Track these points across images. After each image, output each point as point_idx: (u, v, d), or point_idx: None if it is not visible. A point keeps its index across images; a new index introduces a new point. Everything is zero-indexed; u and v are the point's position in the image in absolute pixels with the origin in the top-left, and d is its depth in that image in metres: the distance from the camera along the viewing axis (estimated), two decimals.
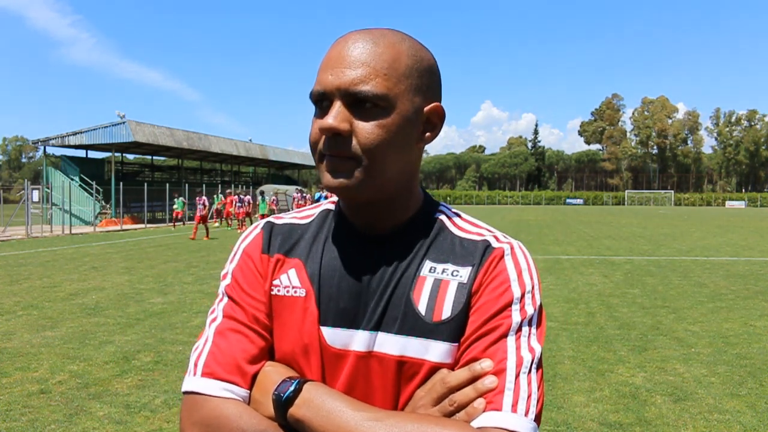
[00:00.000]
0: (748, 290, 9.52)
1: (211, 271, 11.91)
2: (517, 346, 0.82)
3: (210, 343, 0.88)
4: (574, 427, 4.01)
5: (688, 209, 69.65)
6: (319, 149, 0.86)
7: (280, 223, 0.98)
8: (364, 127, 0.82)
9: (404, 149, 0.87)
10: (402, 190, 0.91)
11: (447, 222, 0.95)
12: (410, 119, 0.86)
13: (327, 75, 0.84)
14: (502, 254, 0.90)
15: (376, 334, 0.86)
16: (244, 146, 42.05)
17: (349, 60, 0.83)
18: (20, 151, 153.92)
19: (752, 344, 6.14)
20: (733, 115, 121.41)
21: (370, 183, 0.84)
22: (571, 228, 27.09)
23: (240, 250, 0.97)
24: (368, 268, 0.89)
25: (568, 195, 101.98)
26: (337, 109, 0.82)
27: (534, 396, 0.80)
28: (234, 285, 0.93)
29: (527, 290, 0.87)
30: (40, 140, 31.64)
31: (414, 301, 0.87)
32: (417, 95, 0.87)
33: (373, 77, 0.82)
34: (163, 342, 6.19)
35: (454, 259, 0.90)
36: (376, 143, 0.82)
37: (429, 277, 0.89)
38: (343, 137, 0.82)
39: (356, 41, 0.85)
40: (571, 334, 6.48)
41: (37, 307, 8.04)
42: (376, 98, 0.82)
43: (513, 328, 0.83)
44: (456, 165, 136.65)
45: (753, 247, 17.27)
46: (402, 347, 0.85)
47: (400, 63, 0.85)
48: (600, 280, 10.57)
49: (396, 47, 0.85)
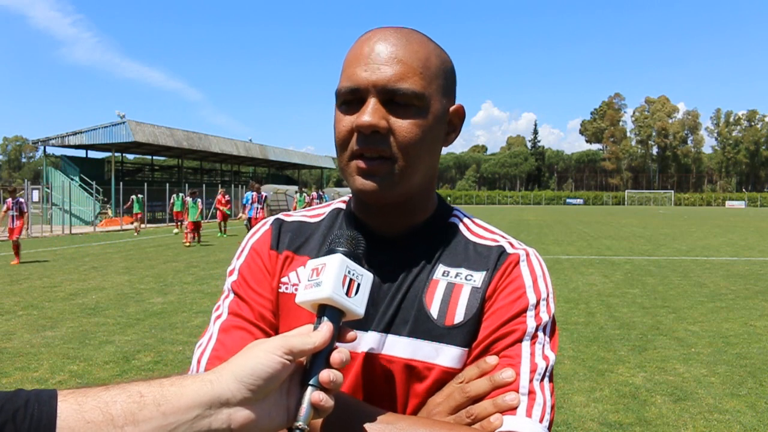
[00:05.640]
0: (748, 290, 9.52)
1: (211, 271, 11.91)
2: (531, 351, 0.81)
3: (214, 340, 0.86)
4: (574, 427, 4.01)
5: (688, 209, 69.64)
6: (351, 147, 0.82)
7: (289, 220, 0.97)
8: (402, 125, 0.80)
9: (433, 150, 0.86)
10: (422, 192, 0.90)
11: (461, 226, 0.94)
12: (440, 119, 0.85)
13: (360, 71, 0.81)
14: (518, 260, 0.88)
15: (385, 336, 0.85)
16: (244, 146, 42.03)
17: (385, 57, 0.81)
18: (20, 151, 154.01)
19: (752, 344, 6.13)
20: (732, 115, 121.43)
21: (401, 185, 0.82)
22: (571, 228, 27.08)
23: (248, 246, 0.95)
24: (380, 270, 0.87)
25: (568, 195, 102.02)
26: (373, 106, 0.80)
27: (548, 404, 0.79)
28: (241, 281, 0.91)
29: (542, 297, 0.85)
30: (40, 140, 31.65)
31: (426, 305, 0.86)
32: (444, 96, 0.86)
33: (411, 75, 0.81)
34: (163, 342, 6.19)
35: (467, 263, 0.89)
36: (413, 142, 0.81)
37: (442, 281, 0.87)
38: (381, 135, 0.80)
39: (387, 38, 0.83)
40: (571, 334, 6.48)
41: (37, 307, 8.04)
42: (414, 96, 0.80)
43: (528, 334, 0.82)
44: (456, 165, 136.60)
45: (753, 247, 17.27)
46: (412, 351, 0.84)
47: (431, 62, 0.84)
48: (600, 280, 10.57)
49: (426, 47, 0.84)
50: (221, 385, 0.63)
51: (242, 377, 0.63)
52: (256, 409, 0.64)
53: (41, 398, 0.56)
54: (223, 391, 0.62)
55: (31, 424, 0.54)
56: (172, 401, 0.60)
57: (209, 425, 0.62)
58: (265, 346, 0.65)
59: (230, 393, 0.62)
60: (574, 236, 21.77)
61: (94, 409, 0.57)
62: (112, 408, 0.58)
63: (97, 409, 0.57)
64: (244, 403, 0.63)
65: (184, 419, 0.60)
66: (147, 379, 0.62)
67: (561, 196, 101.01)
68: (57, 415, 0.56)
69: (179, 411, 0.60)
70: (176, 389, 0.61)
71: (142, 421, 0.58)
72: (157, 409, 0.59)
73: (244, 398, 0.63)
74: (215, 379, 0.63)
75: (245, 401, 0.63)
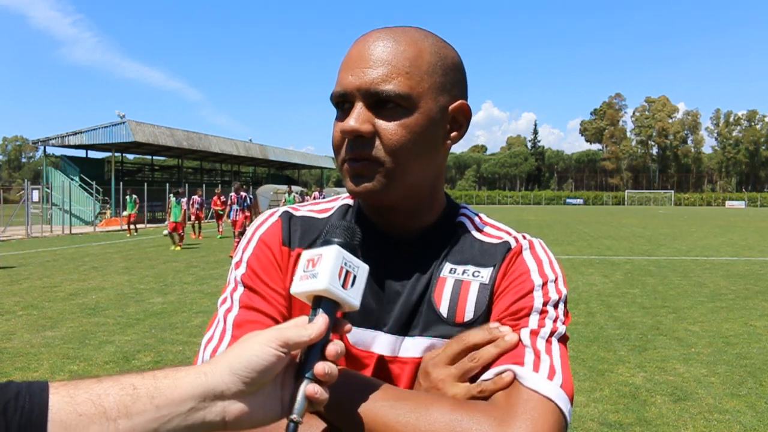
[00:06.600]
0: (748, 290, 9.52)
1: (211, 271, 11.91)
2: (539, 323, 0.81)
3: (229, 336, 0.82)
4: (574, 427, 4.01)
5: (688, 209, 69.63)
6: (342, 153, 0.83)
7: (298, 215, 0.93)
8: (387, 127, 0.80)
9: (429, 151, 0.84)
10: (427, 193, 0.89)
11: (469, 225, 0.94)
12: (435, 119, 0.83)
13: (347, 75, 0.81)
14: (521, 250, 0.89)
15: (402, 338, 0.85)
16: (244, 146, 42.02)
17: (370, 59, 0.80)
18: (20, 151, 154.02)
19: (752, 344, 6.13)
20: (732, 115, 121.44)
21: (393, 187, 0.82)
22: (571, 228, 27.08)
23: (256, 238, 0.91)
24: (391, 270, 0.87)
25: (568, 195, 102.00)
26: (359, 111, 0.80)
27: (557, 364, 0.78)
28: (251, 274, 0.87)
29: (550, 279, 0.86)
30: (40, 140, 31.61)
31: (435, 303, 0.85)
32: (441, 93, 0.84)
33: (395, 76, 0.79)
34: (163, 342, 6.18)
35: (474, 260, 0.89)
36: (400, 144, 0.80)
37: (449, 278, 0.87)
38: (366, 139, 0.80)
39: (376, 40, 0.82)
40: (571, 334, 6.44)
41: (37, 307, 8.03)
42: (399, 98, 0.79)
43: (536, 309, 0.82)
44: (456, 165, 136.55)
45: (753, 247, 17.27)
46: (425, 349, 0.84)
47: (423, 60, 0.82)
48: (600, 280, 10.56)
49: (418, 44, 0.82)
50: (215, 377, 0.62)
51: (237, 369, 0.63)
52: (251, 401, 0.64)
53: (32, 390, 0.56)
54: (218, 383, 0.62)
55: (21, 417, 0.54)
56: (166, 393, 0.60)
57: (203, 418, 0.61)
58: (260, 338, 0.65)
59: (225, 385, 0.62)
60: (574, 236, 21.77)
61: (86, 401, 0.56)
62: (104, 400, 0.57)
63: (89, 402, 0.56)
64: (239, 395, 0.63)
65: (178, 412, 0.60)
66: (140, 371, 0.62)
67: (561, 196, 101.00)
68: (48, 408, 0.55)
69: (173, 403, 0.60)
70: (170, 381, 0.61)
71: (135, 414, 0.58)
72: (151, 401, 0.59)
73: (239, 391, 0.63)
74: (209, 372, 0.63)
75: (240, 394, 0.63)
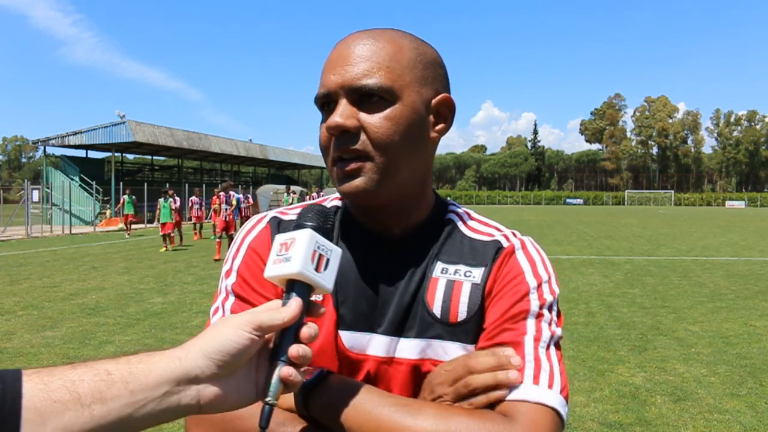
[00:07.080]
0: (748, 290, 9.51)
1: (211, 271, 11.91)
2: (537, 327, 0.82)
3: None
4: (574, 427, 4.01)
5: (688, 209, 69.64)
6: (330, 153, 0.83)
7: (287, 219, 0.93)
8: (372, 121, 0.80)
9: (416, 144, 0.84)
10: (415, 190, 0.89)
11: (458, 222, 0.94)
12: (419, 111, 0.83)
13: (330, 76, 0.82)
14: (513, 250, 0.89)
15: (397, 340, 0.85)
16: (244, 146, 42.03)
17: (351, 58, 0.81)
18: (20, 151, 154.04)
19: (752, 344, 6.13)
20: (732, 115, 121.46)
21: (385, 185, 0.82)
22: (571, 228, 27.07)
23: (245, 246, 0.91)
24: (381, 271, 0.87)
25: (568, 195, 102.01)
26: (343, 107, 0.80)
27: (556, 371, 0.79)
28: (241, 283, 0.87)
29: (544, 280, 0.87)
30: (40, 140, 31.64)
31: (428, 304, 0.85)
32: (423, 86, 0.84)
33: (377, 70, 0.80)
34: (163, 342, 6.18)
35: (465, 259, 0.89)
36: (386, 137, 0.80)
37: (441, 278, 0.87)
38: (352, 134, 0.80)
39: (356, 40, 0.83)
40: (571, 334, 6.48)
41: (37, 307, 8.04)
42: (382, 90, 0.80)
43: (533, 312, 0.83)
44: (456, 165, 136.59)
45: (753, 247, 17.26)
46: (421, 350, 0.84)
47: (403, 55, 0.83)
48: (600, 280, 10.56)
49: (397, 42, 0.84)
50: (189, 361, 0.62)
51: (210, 353, 0.63)
52: (225, 385, 0.64)
53: (5, 379, 0.56)
54: (192, 367, 0.62)
55: None
56: (140, 378, 0.60)
57: (178, 401, 0.62)
58: (233, 322, 0.65)
59: (199, 369, 0.62)
60: (574, 236, 21.77)
61: (60, 388, 0.56)
62: (79, 386, 0.57)
63: (63, 388, 0.56)
64: (213, 379, 0.63)
65: (153, 396, 0.60)
66: (115, 356, 0.62)
67: (561, 196, 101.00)
68: (22, 395, 0.55)
69: (147, 388, 0.60)
70: (144, 366, 0.61)
71: (109, 399, 0.58)
72: (125, 386, 0.59)
73: (213, 374, 0.63)
74: (183, 356, 0.63)
75: (214, 377, 0.63)
